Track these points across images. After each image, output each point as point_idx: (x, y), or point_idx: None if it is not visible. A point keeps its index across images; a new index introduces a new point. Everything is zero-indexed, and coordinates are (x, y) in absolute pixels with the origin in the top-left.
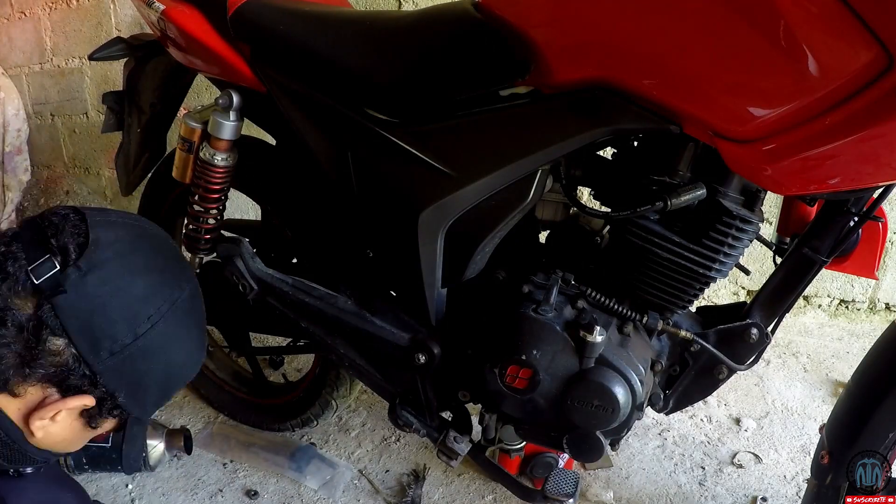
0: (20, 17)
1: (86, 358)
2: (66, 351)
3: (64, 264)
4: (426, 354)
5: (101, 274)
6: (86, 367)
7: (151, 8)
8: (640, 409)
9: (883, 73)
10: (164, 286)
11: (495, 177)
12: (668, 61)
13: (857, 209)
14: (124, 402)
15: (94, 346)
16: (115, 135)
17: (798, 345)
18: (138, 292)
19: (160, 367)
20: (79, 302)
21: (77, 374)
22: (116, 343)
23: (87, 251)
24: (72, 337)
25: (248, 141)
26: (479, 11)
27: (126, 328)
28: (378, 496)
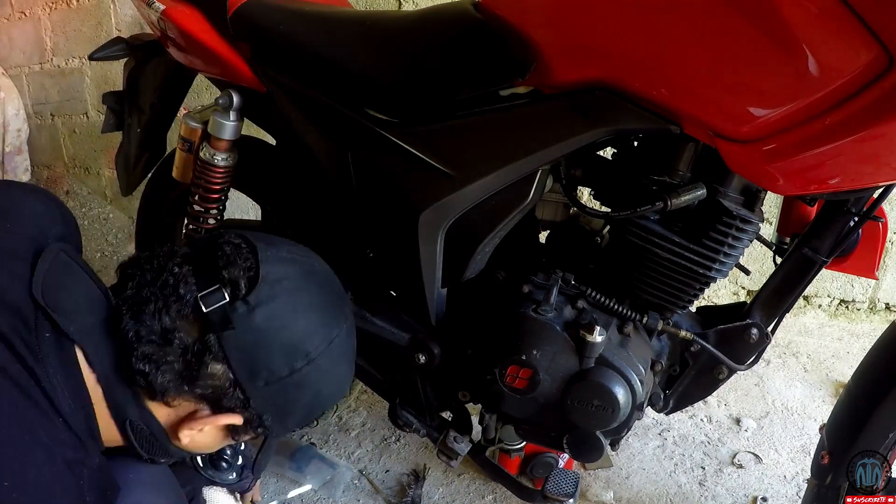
0: (20, 17)
1: (242, 384)
2: (224, 376)
3: (233, 297)
4: (426, 354)
5: (267, 310)
6: (240, 391)
7: (151, 8)
8: (640, 409)
9: (883, 73)
10: (324, 325)
11: (495, 177)
12: (667, 61)
13: (857, 209)
14: (270, 423)
15: (251, 376)
16: (115, 135)
17: (798, 345)
18: (300, 330)
19: (309, 397)
20: (243, 335)
21: (231, 396)
22: (273, 375)
23: (257, 287)
24: (232, 365)
25: (248, 141)
26: (479, 11)
27: (284, 363)
28: (378, 496)
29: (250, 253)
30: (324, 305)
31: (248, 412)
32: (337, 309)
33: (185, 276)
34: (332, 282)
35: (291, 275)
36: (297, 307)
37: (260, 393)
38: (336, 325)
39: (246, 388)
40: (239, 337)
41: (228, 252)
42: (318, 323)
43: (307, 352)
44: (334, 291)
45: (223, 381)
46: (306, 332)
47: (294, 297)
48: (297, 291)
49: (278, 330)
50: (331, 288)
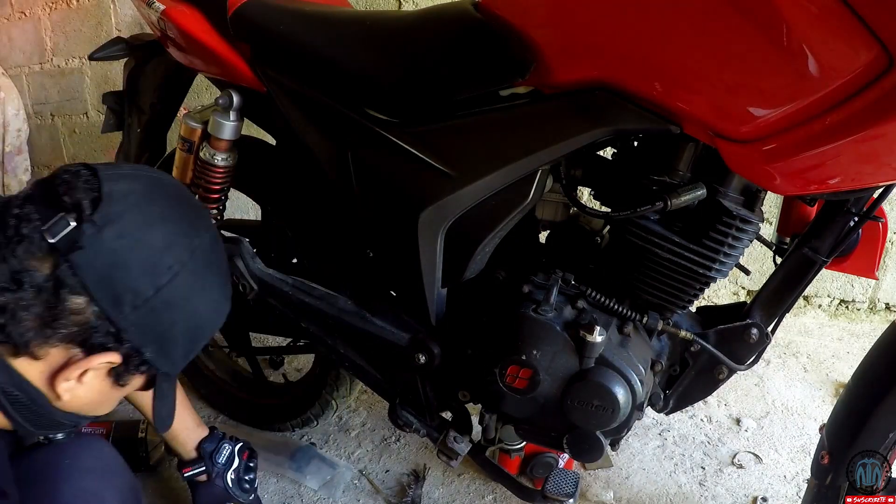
0: (20, 17)
1: (108, 314)
2: (87, 308)
3: (79, 221)
4: (426, 354)
5: (117, 227)
6: (109, 323)
7: (151, 8)
8: (640, 409)
9: (883, 74)
10: (182, 235)
11: (495, 177)
12: (667, 61)
13: (857, 209)
14: (152, 356)
15: (115, 302)
16: (115, 135)
17: (798, 345)
18: (157, 243)
19: (185, 318)
20: (97, 257)
21: (101, 331)
22: (139, 296)
23: (102, 205)
24: (92, 294)
25: (248, 141)
26: (479, 11)
27: (147, 280)
28: (378, 496)
29: (91, 175)
30: (178, 215)
31: (124, 347)
32: (195, 217)
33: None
34: (182, 192)
35: (137, 189)
36: (149, 219)
37: (130, 320)
38: (195, 233)
39: (113, 318)
40: (93, 260)
41: (67, 178)
42: (176, 233)
43: (169, 264)
44: (187, 202)
45: (87, 315)
46: (164, 244)
47: (144, 209)
48: (147, 204)
49: (133, 246)
50: (183, 198)
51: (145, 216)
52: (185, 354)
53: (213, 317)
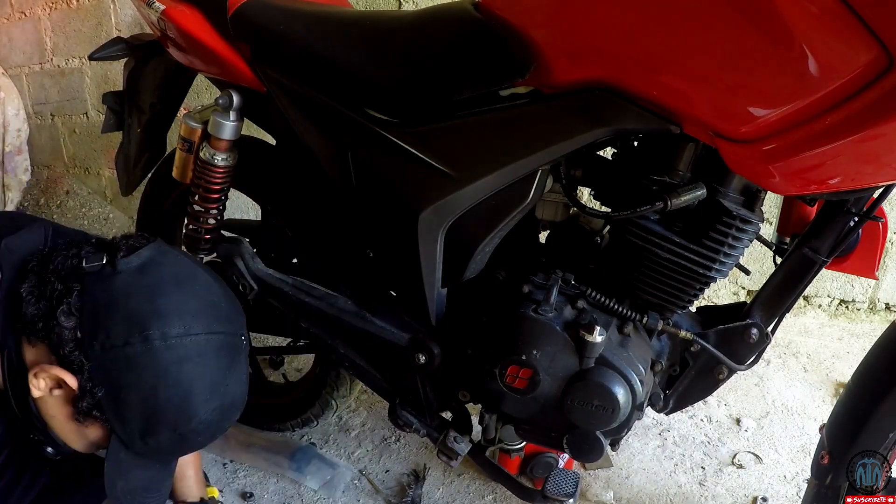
0: (20, 17)
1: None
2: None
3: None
4: (426, 354)
5: (126, 278)
6: (80, 349)
7: (151, 8)
8: (640, 409)
9: (883, 73)
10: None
11: (495, 177)
12: (668, 62)
13: (857, 209)
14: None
15: (91, 334)
16: (115, 135)
17: (798, 345)
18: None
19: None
20: (99, 293)
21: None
22: (108, 340)
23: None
24: (81, 315)
25: (248, 141)
26: (479, 11)
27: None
28: (378, 496)
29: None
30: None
31: (83, 377)
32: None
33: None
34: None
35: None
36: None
37: (95, 357)
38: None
39: (84, 347)
40: (95, 293)
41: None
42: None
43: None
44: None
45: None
46: (156, 313)
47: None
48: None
49: (127, 298)
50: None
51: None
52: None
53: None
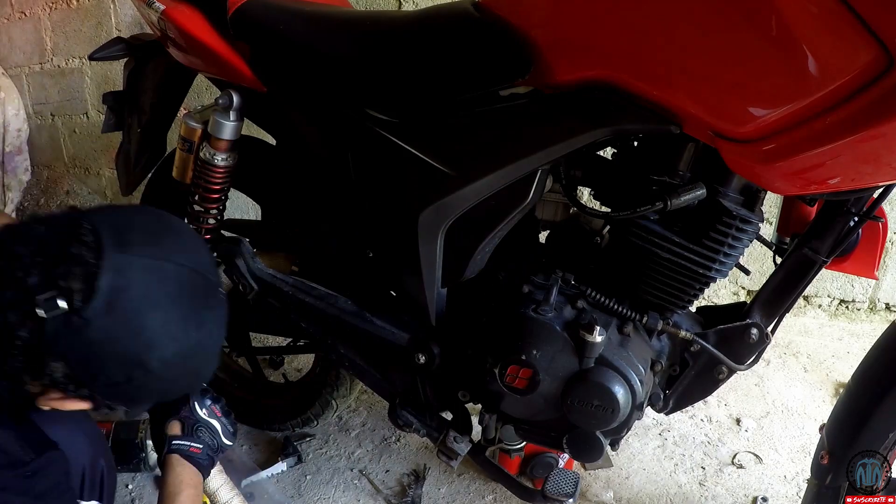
0: (20, 17)
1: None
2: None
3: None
4: (426, 354)
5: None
6: (85, 389)
7: (151, 8)
8: (640, 409)
9: (883, 73)
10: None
11: (495, 177)
12: (668, 61)
13: (857, 209)
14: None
15: (90, 378)
16: (115, 135)
17: (798, 345)
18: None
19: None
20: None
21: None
22: (110, 380)
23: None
24: (70, 366)
25: (248, 141)
26: (478, 11)
27: (121, 373)
28: (378, 496)
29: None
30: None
31: (96, 402)
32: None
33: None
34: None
35: (134, 286)
36: (135, 323)
37: (101, 391)
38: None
39: (87, 386)
40: (76, 347)
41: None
42: (160, 336)
43: (144, 364)
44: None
45: (64, 377)
46: (144, 346)
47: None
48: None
49: (114, 344)
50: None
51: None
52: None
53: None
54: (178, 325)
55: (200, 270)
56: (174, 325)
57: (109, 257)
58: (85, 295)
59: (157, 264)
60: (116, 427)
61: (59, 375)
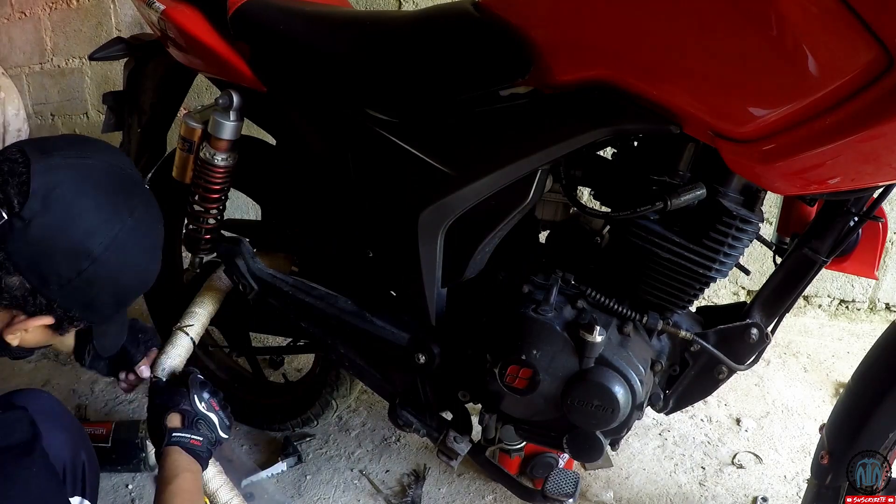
0: (20, 17)
1: (38, 290)
2: (21, 286)
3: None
4: (426, 354)
5: (41, 222)
6: (41, 297)
7: (151, 8)
8: (640, 409)
9: (883, 73)
10: (103, 223)
11: (495, 177)
12: (668, 61)
13: (857, 209)
14: (81, 315)
15: (43, 281)
16: (115, 135)
17: (798, 345)
18: (77, 234)
19: (109, 289)
20: (25, 248)
21: (34, 303)
22: (62, 278)
23: (29, 201)
24: (24, 274)
25: (248, 141)
26: (478, 11)
27: (69, 265)
28: (378, 496)
29: (24, 167)
30: (100, 205)
31: (55, 312)
32: (116, 205)
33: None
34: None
35: (64, 181)
36: (71, 213)
37: (57, 294)
38: (117, 220)
39: (42, 293)
40: (22, 249)
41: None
42: (97, 223)
43: (88, 252)
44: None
45: (22, 290)
46: (84, 234)
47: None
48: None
49: (56, 237)
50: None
51: (68, 209)
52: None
53: (137, 283)
54: (110, 210)
55: (121, 165)
56: (107, 210)
57: (37, 163)
58: (20, 199)
59: (80, 162)
60: (117, 427)
61: (16, 289)
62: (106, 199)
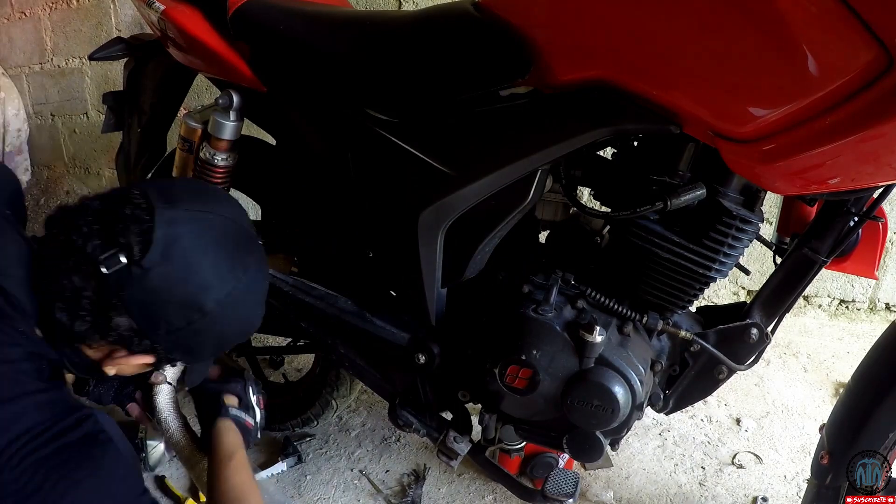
0: (20, 17)
1: (146, 334)
2: (128, 327)
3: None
4: (426, 354)
5: (160, 272)
6: (147, 339)
7: (152, 8)
8: (640, 409)
9: (883, 73)
10: (219, 280)
11: (495, 177)
12: (668, 61)
13: (857, 209)
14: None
15: (153, 326)
16: (115, 135)
17: (798, 345)
18: (194, 287)
19: (213, 340)
20: (140, 294)
21: (139, 343)
22: (172, 325)
23: (150, 252)
24: (134, 318)
25: (248, 141)
26: (478, 11)
27: (181, 316)
28: (378, 496)
29: (147, 215)
30: (217, 262)
31: (158, 354)
32: (233, 263)
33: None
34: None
35: (185, 234)
36: (189, 267)
37: (163, 340)
38: (233, 277)
39: (150, 337)
40: (137, 296)
41: (128, 214)
42: (212, 279)
43: (201, 305)
44: (233, 245)
45: (129, 332)
46: (200, 288)
47: (187, 257)
48: (192, 251)
49: (172, 289)
50: (229, 242)
51: (188, 263)
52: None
53: (240, 334)
54: (226, 267)
55: (239, 221)
56: (223, 267)
57: (161, 213)
58: (142, 247)
59: (203, 216)
60: None
61: (124, 329)
62: (224, 256)
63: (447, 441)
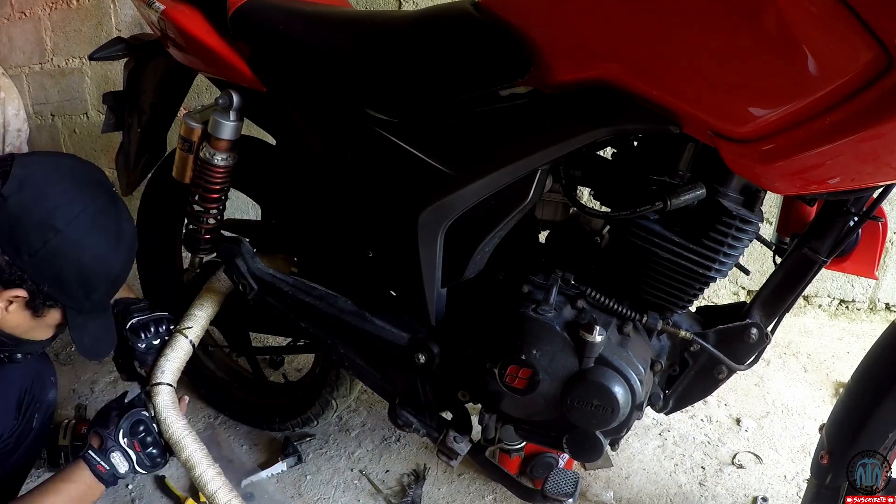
0: (20, 17)
1: (13, 260)
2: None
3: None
4: (426, 354)
5: (17, 198)
6: (15, 267)
7: (151, 8)
8: (640, 408)
9: (883, 73)
10: (67, 203)
11: (495, 177)
12: (668, 61)
13: (857, 209)
14: (51, 292)
15: (16, 251)
16: (115, 135)
17: (798, 345)
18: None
19: (72, 266)
20: (4, 220)
21: (9, 272)
22: (31, 248)
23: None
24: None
25: (248, 141)
26: (478, 11)
27: (38, 237)
28: (378, 496)
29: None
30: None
31: (28, 284)
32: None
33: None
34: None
35: (39, 169)
36: (43, 192)
37: (28, 265)
38: (81, 201)
39: (16, 263)
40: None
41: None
42: (63, 201)
43: (53, 223)
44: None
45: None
46: (51, 211)
47: (39, 185)
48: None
49: (27, 212)
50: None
51: (40, 191)
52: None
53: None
54: (75, 190)
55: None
56: (72, 190)
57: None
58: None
59: (55, 158)
60: None
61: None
62: (74, 186)
63: (447, 441)
